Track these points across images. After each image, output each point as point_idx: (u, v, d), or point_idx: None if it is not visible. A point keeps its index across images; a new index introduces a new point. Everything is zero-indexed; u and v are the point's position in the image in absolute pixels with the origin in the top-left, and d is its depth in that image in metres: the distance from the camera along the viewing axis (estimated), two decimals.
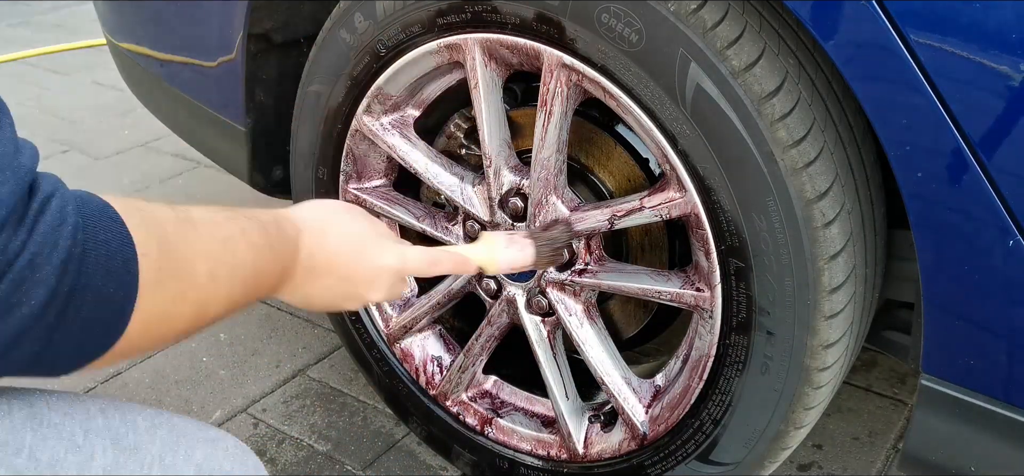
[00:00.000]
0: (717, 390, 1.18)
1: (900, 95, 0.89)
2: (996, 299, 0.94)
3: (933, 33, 0.86)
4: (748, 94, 0.99)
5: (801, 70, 1.02)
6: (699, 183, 1.07)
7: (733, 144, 1.02)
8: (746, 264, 1.08)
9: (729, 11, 1.00)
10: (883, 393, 1.76)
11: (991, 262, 0.92)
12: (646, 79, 1.05)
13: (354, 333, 1.55)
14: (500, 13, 1.14)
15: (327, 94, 1.37)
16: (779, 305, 1.08)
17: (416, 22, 1.22)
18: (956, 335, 0.99)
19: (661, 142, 1.08)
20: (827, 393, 1.16)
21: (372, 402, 1.75)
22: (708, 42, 0.99)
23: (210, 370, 1.84)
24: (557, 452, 1.40)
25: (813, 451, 1.61)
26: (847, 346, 1.14)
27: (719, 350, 1.16)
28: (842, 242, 1.04)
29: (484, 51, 1.19)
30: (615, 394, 1.29)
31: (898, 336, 1.31)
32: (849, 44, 0.91)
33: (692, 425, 1.23)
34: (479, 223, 1.32)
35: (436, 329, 1.53)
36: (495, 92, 1.23)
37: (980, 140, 0.87)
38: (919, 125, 0.89)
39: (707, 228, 1.09)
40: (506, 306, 1.35)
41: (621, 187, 1.32)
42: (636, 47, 1.04)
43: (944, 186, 0.91)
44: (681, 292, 1.17)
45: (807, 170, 1.00)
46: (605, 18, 1.05)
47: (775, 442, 1.18)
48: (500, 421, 1.46)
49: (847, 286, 1.06)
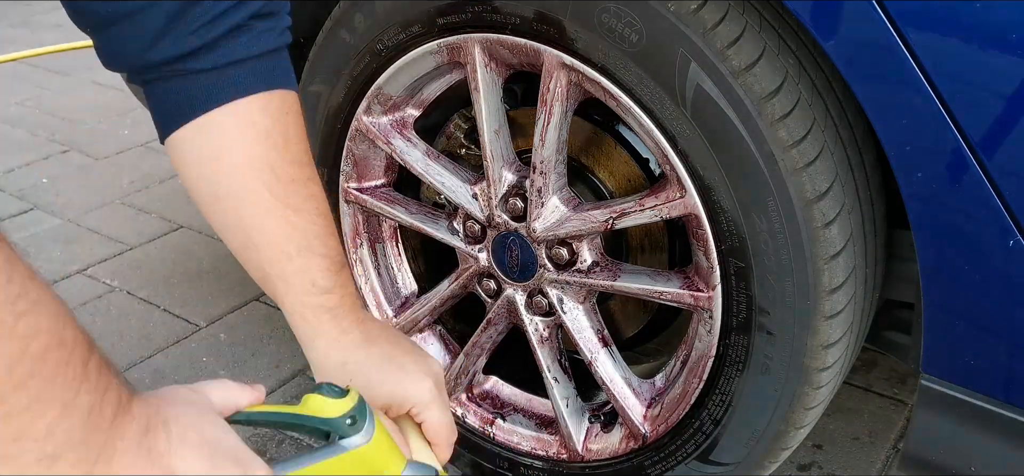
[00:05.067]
0: (717, 390, 1.18)
1: (900, 95, 0.89)
2: (996, 299, 0.94)
3: (933, 33, 0.86)
4: (748, 94, 0.99)
5: (801, 70, 1.02)
6: (699, 183, 1.07)
7: (733, 144, 1.02)
8: (746, 264, 1.08)
9: (729, 11, 1.00)
10: (883, 393, 1.76)
11: (991, 262, 0.92)
12: (646, 79, 1.05)
13: None
14: (500, 13, 1.14)
15: (327, 94, 1.37)
16: (779, 305, 1.08)
17: (416, 22, 1.22)
18: (956, 335, 0.99)
19: (661, 142, 1.08)
20: (827, 393, 1.16)
21: None
22: (708, 42, 0.99)
23: (210, 370, 1.84)
24: (557, 452, 1.40)
25: (813, 451, 1.61)
26: (847, 346, 1.14)
27: (719, 350, 1.16)
28: (842, 242, 1.04)
29: (484, 51, 1.19)
30: (615, 394, 1.29)
31: (898, 336, 1.31)
32: (849, 44, 0.91)
33: (692, 425, 1.23)
34: (479, 223, 1.32)
35: (436, 329, 1.52)
36: (495, 92, 1.23)
37: (980, 140, 0.87)
38: (919, 125, 0.90)
39: (707, 228, 1.09)
40: (506, 306, 1.35)
41: (621, 187, 1.32)
42: (636, 47, 1.04)
43: (944, 186, 0.91)
44: (681, 292, 1.17)
45: (807, 170, 1.00)
46: (605, 18, 1.05)
47: (775, 442, 1.18)
48: (500, 421, 1.46)
49: (847, 286, 1.06)
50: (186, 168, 0.94)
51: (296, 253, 0.93)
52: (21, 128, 3.04)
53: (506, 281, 1.34)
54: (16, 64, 3.70)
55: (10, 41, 3.94)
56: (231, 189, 0.92)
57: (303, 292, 0.94)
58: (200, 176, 0.93)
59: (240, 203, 0.92)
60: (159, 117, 0.93)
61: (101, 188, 2.64)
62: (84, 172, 2.73)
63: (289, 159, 0.93)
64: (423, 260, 1.58)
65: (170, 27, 0.85)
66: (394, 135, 1.36)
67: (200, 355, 1.89)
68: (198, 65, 0.88)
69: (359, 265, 1.50)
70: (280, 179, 0.92)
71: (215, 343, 1.92)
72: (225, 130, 0.91)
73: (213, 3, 0.86)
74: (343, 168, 1.42)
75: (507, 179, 1.27)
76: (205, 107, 0.90)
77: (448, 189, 1.33)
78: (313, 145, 1.42)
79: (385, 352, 0.96)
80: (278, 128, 0.92)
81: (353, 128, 1.37)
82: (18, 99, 3.30)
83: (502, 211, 1.28)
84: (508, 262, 1.31)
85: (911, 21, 0.86)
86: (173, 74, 0.89)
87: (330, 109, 1.37)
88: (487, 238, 1.32)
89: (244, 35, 0.89)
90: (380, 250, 1.52)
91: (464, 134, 1.45)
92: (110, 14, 0.85)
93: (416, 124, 1.38)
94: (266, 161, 0.91)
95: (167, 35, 0.86)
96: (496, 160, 1.26)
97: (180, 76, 0.89)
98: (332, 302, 0.95)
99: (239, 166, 0.91)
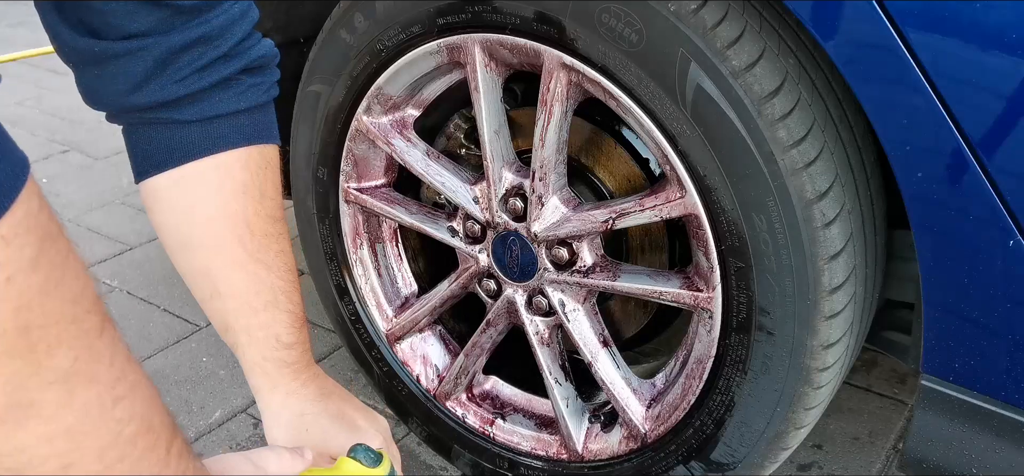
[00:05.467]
0: (717, 390, 1.18)
1: (900, 95, 0.89)
2: (996, 299, 0.94)
3: (933, 33, 0.86)
4: (748, 94, 0.99)
5: (801, 70, 1.02)
6: (699, 183, 1.07)
7: (733, 144, 1.02)
8: (746, 264, 1.08)
9: (729, 11, 1.00)
10: (883, 393, 1.76)
11: (991, 262, 0.92)
12: (646, 79, 1.05)
13: (354, 333, 1.55)
14: (500, 13, 1.14)
15: (327, 94, 1.37)
16: (779, 305, 1.08)
17: (416, 22, 1.22)
18: (956, 335, 0.99)
19: (661, 142, 1.08)
20: (827, 393, 1.16)
21: (372, 402, 1.75)
22: (708, 42, 0.99)
23: (210, 370, 1.84)
24: (557, 452, 1.40)
25: (813, 451, 1.61)
26: (847, 346, 1.14)
27: (719, 350, 1.16)
28: (842, 242, 1.04)
29: (484, 51, 1.19)
30: (615, 395, 1.29)
31: (898, 336, 1.31)
32: (849, 44, 0.91)
33: (692, 425, 1.23)
34: (479, 223, 1.32)
35: (436, 330, 1.53)
36: (495, 92, 1.23)
37: (980, 140, 0.87)
38: (919, 125, 0.89)
39: (707, 228, 1.09)
40: (506, 306, 1.35)
41: (621, 187, 1.32)
42: (636, 47, 1.04)
43: (944, 186, 0.91)
44: (681, 292, 1.17)
45: (807, 170, 1.00)
46: (605, 18, 1.05)
47: (775, 442, 1.18)
48: (500, 421, 1.46)
49: (847, 286, 1.06)
50: (160, 214, 0.93)
51: (262, 308, 0.95)
52: (21, 128, 3.05)
53: (506, 281, 1.34)
54: (16, 64, 3.70)
55: (10, 41, 3.94)
56: (204, 240, 0.92)
57: (267, 346, 0.96)
58: (175, 224, 0.93)
59: (212, 255, 0.92)
60: (136, 160, 0.92)
61: (101, 188, 2.64)
62: (84, 172, 2.73)
63: (264, 214, 0.94)
64: (423, 260, 1.58)
65: (157, 72, 0.84)
66: (394, 135, 1.36)
67: (200, 355, 1.89)
68: (181, 116, 0.87)
69: (359, 265, 1.50)
70: (254, 234, 0.93)
71: (215, 343, 1.92)
72: (205, 182, 0.90)
73: (203, 51, 0.85)
74: (343, 168, 1.42)
75: (507, 179, 1.27)
76: (186, 159, 0.89)
77: (448, 189, 1.33)
78: (313, 145, 1.42)
79: (339, 408, 1.00)
80: (256, 183, 0.92)
81: (353, 128, 1.37)
82: (18, 99, 3.31)
83: (502, 211, 1.28)
84: (508, 262, 1.31)
85: (911, 21, 0.86)
86: (156, 121, 0.88)
87: (330, 109, 1.37)
88: (487, 238, 1.32)
89: (232, 88, 0.89)
90: (380, 250, 1.52)
91: (464, 134, 1.45)
92: (102, 53, 0.83)
93: (416, 124, 1.38)
94: (242, 216, 0.92)
95: (153, 80, 0.85)
96: (496, 160, 1.26)
97: (163, 124, 0.88)
98: (293, 357, 0.98)
99: (214, 219, 0.91)
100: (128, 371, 0.58)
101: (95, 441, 0.55)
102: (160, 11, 0.82)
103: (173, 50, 0.83)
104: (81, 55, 0.84)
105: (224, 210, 0.91)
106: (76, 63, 0.87)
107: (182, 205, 0.92)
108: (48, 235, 0.52)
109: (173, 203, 0.92)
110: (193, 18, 0.84)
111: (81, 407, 0.55)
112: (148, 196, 0.93)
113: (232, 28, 0.87)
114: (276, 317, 0.95)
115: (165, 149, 0.89)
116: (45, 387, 0.52)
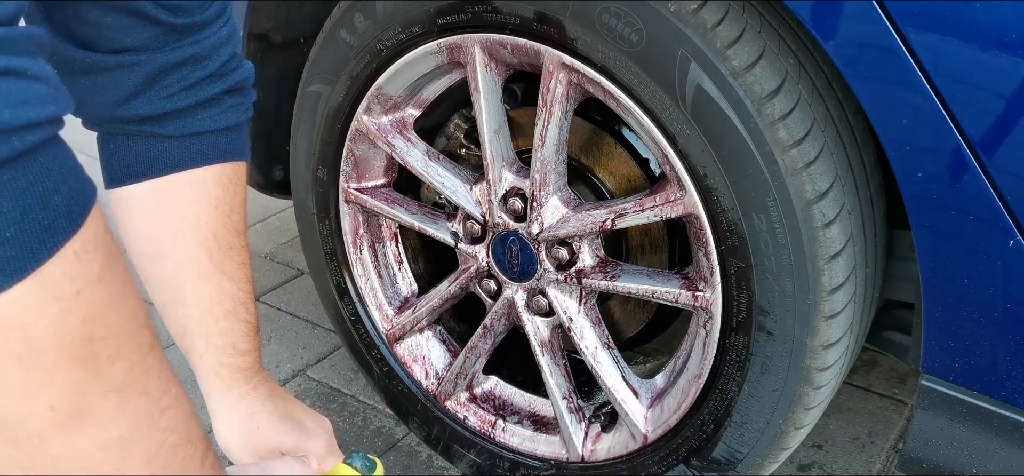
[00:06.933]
0: (717, 390, 1.18)
1: (900, 95, 0.89)
2: (996, 299, 0.94)
3: (933, 33, 0.86)
4: (748, 94, 0.99)
5: (801, 70, 1.02)
6: (699, 183, 1.07)
7: (733, 144, 1.02)
8: (746, 264, 1.08)
9: (729, 11, 1.00)
10: (883, 393, 1.76)
11: (991, 262, 0.92)
12: (646, 79, 1.05)
13: (354, 334, 1.55)
14: (500, 13, 1.14)
15: (327, 94, 1.37)
16: (779, 305, 1.08)
17: (416, 22, 1.22)
18: (956, 335, 0.99)
19: (661, 142, 1.08)
20: (827, 393, 1.16)
21: (372, 402, 1.75)
22: (708, 42, 0.99)
23: None
24: (558, 452, 1.40)
25: (813, 451, 1.61)
26: (847, 346, 1.14)
27: (719, 350, 1.16)
28: (842, 242, 1.04)
29: (484, 51, 1.19)
30: (615, 395, 1.29)
31: (898, 336, 1.31)
32: (849, 44, 0.91)
33: (692, 425, 1.23)
34: (479, 223, 1.32)
35: (436, 330, 1.53)
36: (495, 92, 1.23)
37: (980, 140, 0.87)
38: (919, 125, 0.90)
39: (707, 228, 1.09)
40: (506, 307, 1.35)
41: (621, 187, 1.32)
42: (636, 47, 1.04)
43: (944, 186, 0.91)
44: (681, 292, 1.17)
45: (807, 170, 1.00)
46: (605, 18, 1.05)
47: (775, 442, 1.18)
48: (500, 422, 1.46)
49: (847, 286, 1.06)
50: (131, 220, 0.97)
51: (223, 317, 1.00)
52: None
53: (506, 281, 1.34)
54: None
55: None
56: (173, 250, 0.96)
57: (224, 353, 1.01)
58: (145, 233, 0.96)
59: (179, 264, 0.96)
60: (112, 168, 0.95)
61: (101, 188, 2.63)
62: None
63: (231, 228, 0.98)
64: (423, 260, 1.58)
65: (146, 88, 0.87)
66: (394, 135, 1.36)
67: None
68: (165, 131, 0.90)
69: (359, 265, 1.50)
70: (221, 247, 0.97)
71: None
72: (180, 195, 0.94)
73: (192, 70, 0.88)
74: (343, 168, 1.42)
75: (507, 179, 1.27)
76: (164, 171, 0.93)
77: (448, 189, 1.33)
78: (313, 145, 1.42)
79: (287, 409, 1.06)
80: (227, 198, 0.97)
81: (353, 128, 1.37)
82: None
83: (502, 211, 1.28)
84: (508, 262, 1.31)
85: (911, 21, 0.86)
86: (138, 133, 0.91)
87: (330, 109, 1.37)
88: (487, 238, 1.32)
89: (214, 107, 0.92)
90: (380, 250, 1.52)
91: (464, 134, 1.45)
92: (92, 64, 0.85)
93: (416, 124, 1.38)
94: (211, 229, 0.96)
95: (142, 95, 0.87)
96: (496, 160, 1.26)
97: (145, 137, 0.91)
98: (247, 363, 1.03)
99: (185, 231, 0.95)
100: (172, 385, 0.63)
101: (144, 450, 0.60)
102: (154, 28, 0.84)
103: (164, 67, 0.86)
104: (69, 64, 0.85)
105: (196, 223, 0.95)
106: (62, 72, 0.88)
107: (157, 215, 0.95)
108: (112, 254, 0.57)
109: (147, 212, 0.95)
110: (185, 37, 0.87)
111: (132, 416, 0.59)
112: (120, 203, 0.96)
113: (220, 50, 0.91)
114: (234, 326, 1.01)
115: (144, 161, 0.92)
116: (103, 395, 0.57)
